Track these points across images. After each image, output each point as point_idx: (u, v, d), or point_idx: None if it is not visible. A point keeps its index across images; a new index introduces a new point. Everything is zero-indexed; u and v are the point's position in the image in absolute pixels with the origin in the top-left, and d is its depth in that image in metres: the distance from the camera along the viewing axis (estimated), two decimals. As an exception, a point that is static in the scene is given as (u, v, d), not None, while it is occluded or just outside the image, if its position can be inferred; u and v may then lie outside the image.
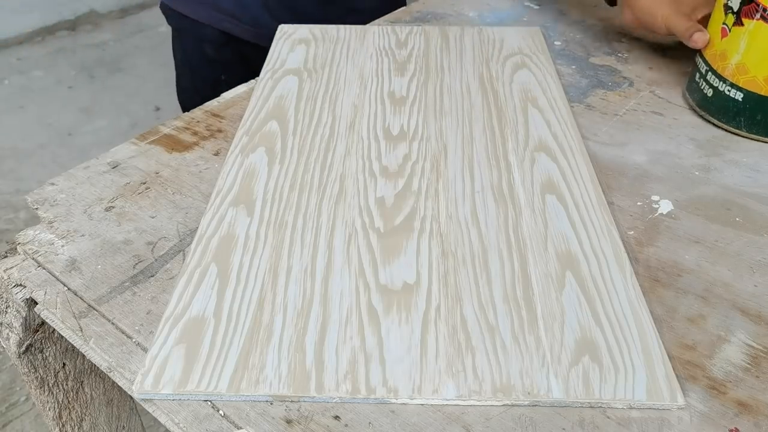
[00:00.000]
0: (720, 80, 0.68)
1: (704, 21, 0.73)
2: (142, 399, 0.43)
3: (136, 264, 0.53)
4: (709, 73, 0.69)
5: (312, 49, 0.82)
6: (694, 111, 0.72)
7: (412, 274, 0.50)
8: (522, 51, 0.82)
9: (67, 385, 0.60)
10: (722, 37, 0.68)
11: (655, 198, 0.60)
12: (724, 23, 0.67)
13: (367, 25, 0.88)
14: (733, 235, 0.56)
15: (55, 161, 2.00)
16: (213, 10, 0.96)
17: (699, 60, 0.72)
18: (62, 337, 0.55)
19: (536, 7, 0.98)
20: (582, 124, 0.70)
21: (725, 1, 0.67)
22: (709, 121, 0.70)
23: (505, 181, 0.60)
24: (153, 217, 0.58)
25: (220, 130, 0.70)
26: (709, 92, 0.69)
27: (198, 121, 0.71)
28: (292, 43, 0.83)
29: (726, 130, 0.69)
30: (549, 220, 0.55)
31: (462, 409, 0.42)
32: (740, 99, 0.66)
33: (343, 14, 0.95)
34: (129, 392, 0.44)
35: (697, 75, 0.72)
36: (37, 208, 0.59)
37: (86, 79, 2.44)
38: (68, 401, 0.61)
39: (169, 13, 1.00)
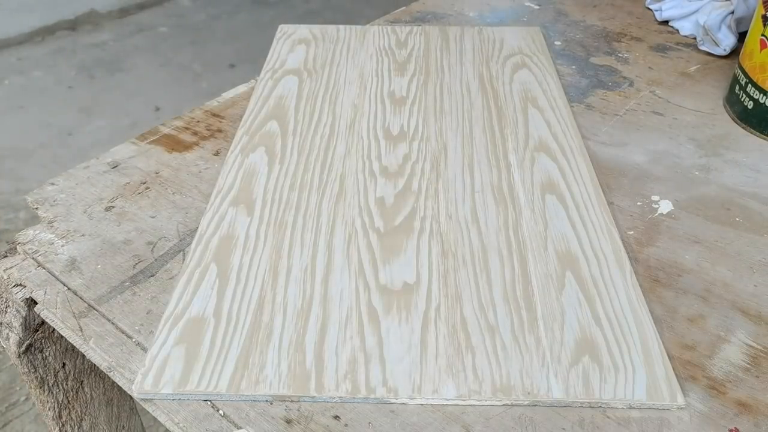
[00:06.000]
0: (760, 92, 0.67)
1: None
2: (142, 399, 0.43)
3: (136, 264, 0.53)
4: (749, 85, 0.68)
5: (312, 49, 0.82)
6: (736, 123, 0.70)
7: (412, 274, 0.50)
8: (522, 51, 0.82)
9: (67, 385, 0.60)
10: (761, 49, 0.66)
11: (655, 198, 0.60)
12: (762, 35, 0.66)
13: (367, 25, 0.89)
14: (733, 235, 0.56)
15: (55, 161, 2.00)
16: None
17: (738, 71, 0.71)
18: (62, 336, 0.55)
19: (536, 7, 0.98)
20: (582, 124, 0.70)
21: (763, 12, 0.65)
22: (752, 134, 0.68)
23: (505, 181, 0.60)
24: (153, 217, 0.58)
25: (220, 130, 0.70)
26: (750, 104, 0.68)
27: (198, 121, 0.71)
28: (292, 43, 0.83)
29: None
30: (549, 220, 0.55)
31: (462, 409, 0.42)
32: None
33: None
34: (129, 392, 0.44)
35: (737, 87, 0.70)
36: (37, 208, 0.59)
37: (86, 79, 2.43)
38: (68, 401, 0.61)
39: None
